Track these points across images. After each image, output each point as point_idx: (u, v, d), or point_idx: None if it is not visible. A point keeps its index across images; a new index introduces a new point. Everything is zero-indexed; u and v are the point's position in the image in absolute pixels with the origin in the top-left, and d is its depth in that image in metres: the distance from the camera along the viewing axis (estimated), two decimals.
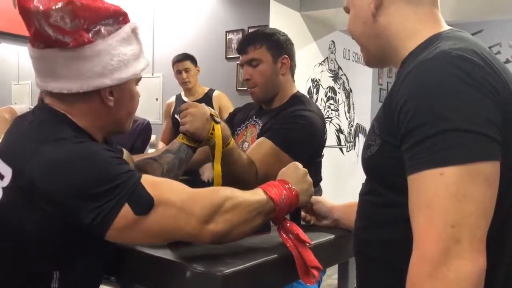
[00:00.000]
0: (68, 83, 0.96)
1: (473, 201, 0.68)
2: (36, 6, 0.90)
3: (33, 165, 0.88)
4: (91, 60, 0.96)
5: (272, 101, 1.73)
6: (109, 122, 1.05)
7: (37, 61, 0.98)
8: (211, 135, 1.33)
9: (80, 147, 0.91)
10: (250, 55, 1.68)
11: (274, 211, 1.02)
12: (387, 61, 0.95)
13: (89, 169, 0.88)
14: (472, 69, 0.72)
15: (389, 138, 0.81)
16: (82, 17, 0.94)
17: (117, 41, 1.00)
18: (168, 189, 0.92)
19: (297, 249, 1.05)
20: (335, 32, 4.79)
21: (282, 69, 1.69)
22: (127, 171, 0.90)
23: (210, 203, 0.92)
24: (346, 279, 1.33)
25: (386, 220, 0.85)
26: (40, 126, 0.96)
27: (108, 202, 0.86)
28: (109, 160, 0.91)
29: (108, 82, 0.99)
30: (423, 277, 0.69)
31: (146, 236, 0.90)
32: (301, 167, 1.15)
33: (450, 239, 0.67)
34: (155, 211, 0.88)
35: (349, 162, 5.29)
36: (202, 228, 0.91)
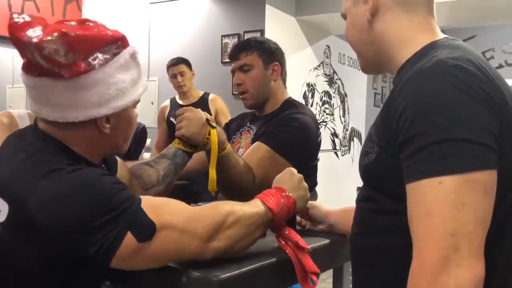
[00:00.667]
0: (63, 113, 0.93)
1: (472, 210, 0.69)
2: (29, 37, 0.86)
3: (31, 202, 0.85)
4: (87, 89, 0.92)
5: (263, 107, 1.75)
6: (105, 147, 1.02)
7: (31, 89, 0.94)
8: (207, 140, 1.33)
9: (77, 177, 0.88)
10: (241, 61, 1.70)
11: (273, 221, 1.03)
12: (383, 68, 0.96)
13: (88, 201, 0.85)
14: (468, 78, 0.73)
15: (387, 146, 0.82)
16: (77, 48, 0.90)
17: (115, 68, 0.96)
18: (169, 211, 0.90)
19: (297, 256, 1.05)
20: (330, 36, 4.82)
21: (273, 76, 1.72)
22: (127, 198, 0.88)
23: (211, 221, 0.92)
24: (341, 284, 1.33)
25: (384, 227, 0.85)
26: (34, 156, 0.91)
27: (110, 232, 0.84)
28: (107, 188, 0.88)
29: (105, 111, 0.95)
30: (423, 285, 0.70)
31: (150, 261, 0.89)
32: (296, 172, 1.15)
33: (450, 247, 0.68)
34: (158, 236, 0.87)
35: (344, 166, 5.30)
36: (206, 246, 0.91)
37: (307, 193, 1.15)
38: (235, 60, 1.73)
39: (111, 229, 0.84)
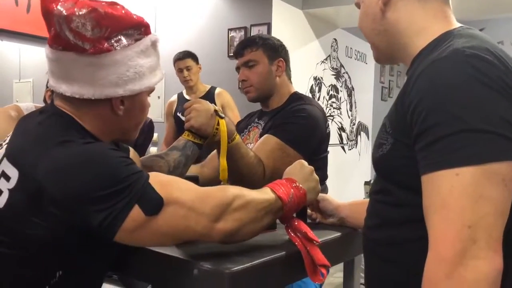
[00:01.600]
0: (81, 88, 0.96)
1: (490, 202, 0.68)
2: (59, 10, 0.90)
3: (40, 169, 0.87)
4: (107, 68, 0.96)
5: (268, 102, 1.77)
6: (116, 130, 1.04)
7: (53, 63, 0.97)
8: (216, 130, 1.34)
9: (86, 149, 0.91)
10: (246, 57, 1.72)
11: (282, 210, 1.02)
12: (397, 58, 0.95)
13: (97, 171, 0.87)
14: (486, 67, 0.71)
15: (401, 137, 0.80)
16: (104, 25, 0.93)
17: (136, 52, 0.99)
18: (177, 188, 0.91)
19: (306, 247, 1.04)
20: (337, 30, 4.79)
21: (278, 71, 1.73)
22: (136, 172, 0.89)
23: (219, 201, 0.91)
24: (351, 277, 1.32)
25: (398, 220, 0.84)
26: (47, 128, 0.95)
27: (117, 204, 0.85)
28: (117, 160, 0.89)
29: (121, 92, 0.98)
30: (440, 278, 0.69)
31: (156, 236, 0.89)
32: (307, 164, 1.15)
33: (468, 239, 0.67)
34: (165, 211, 0.87)
35: (351, 160, 5.28)
36: (212, 226, 0.90)
37: (318, 185, 1.14)
38: (239, 56, 1.75)
39: (118, 201, 0.85)
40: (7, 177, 0.92)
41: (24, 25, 4.24)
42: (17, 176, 0.90)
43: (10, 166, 0.92)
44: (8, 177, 0.92)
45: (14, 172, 0.91)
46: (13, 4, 4.20)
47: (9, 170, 0.92)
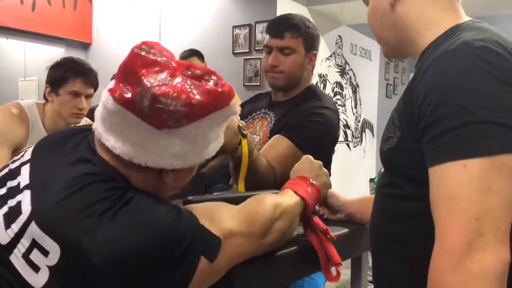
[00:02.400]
0: (134, 151, 0.80)
1: (498, 194, 0.67)
2: (148, 84, 0.75)
3: (88, 246, 0.72)
4: (173, 140, 0.80)
5: (288, 91, 1.68)
6: (159, 192, 0.88)
7: (111, 113, 0.79)
8: (236, 148, 1.29)
9: (133, 215, 0.76)
10: (285, 42, 1.58)
11: (305, 210, 1.03)
12: (406, 52, 0.94)
13: (155, 242, 0.75)
14: (496, 60, 0.71)
15: (409, 130, 0.80)
16: (192, 116, 0.78)
17: (209, 125, 0.83)
18: (223, 218, 0.86)
19: (323, 245, 1.05)
20: (342, 26, 4.77)
21: (309, 64, 1.66)
22: (189, 222, 0.80)
23: (264, 218, 0.91)
24: (359, 273, 1.32)
25: (406, 213, 0.84)
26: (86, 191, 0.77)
27: (183, 264, 0.77)
28: (166, 221, 0.78)
29: (180, 166, 0.83)
30: (446, 270, 0.68)
31: (218, 275, 0.84)
32: (314, 160, 1.15)
33: (474, 232, 0.66)
34: (223, 248, 0.82)
35: (356, 157, 5.27)
36: (261, 243, 0.90)
37: (328, 179, 1.15)
38: (277, 37, 1.59)
39: (185, 261, 0.77)
40: (43, 250, 0.75)
41: (29, 24, 4.26)
42: (59, 252, 0.74)
43: (45, 237, 0.75)
44: (45, 251, 0.75)
45: (53, 245, 0.74)
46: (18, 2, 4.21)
47: (45, 243, 0.75)
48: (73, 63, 1.91)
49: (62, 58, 1.98)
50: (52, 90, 1.90)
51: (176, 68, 0.79)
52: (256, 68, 3.86)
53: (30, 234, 0.76)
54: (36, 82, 4.88)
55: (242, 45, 3.92)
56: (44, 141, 0.93)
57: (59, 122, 1.92)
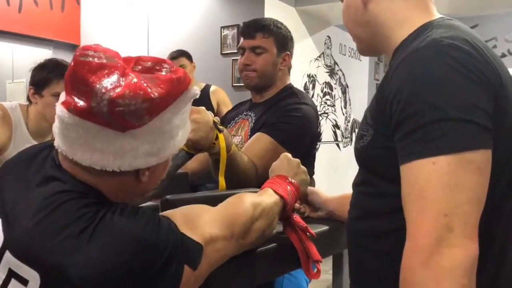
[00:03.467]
0: (105, 159, 0.77)
1: (465, 190, 0.68)
2: (103, 88, 0.72)
3: (69, 269, 0.71)
4: (141, 139, 0.78)
5: (263, 92, 1.73)
6: (134, 195, 0.88)
7: (70, 127, 0.76)
8: (213, 144, 1.29)
9: (111, 231, 0.74)
10: (257, 42, 1.65)
11: (285, 208, 1.04)
12: (380, 49, 0.95)
13: (135, 258, 0.73)
14: (463, 57, 0.72)
15: (381, 128, 0.81)
16: (154, 112, 0.77)
17: (173, 113, 0.81)
18: (204, 223, 0.84)
19: (303, 243, 1.06)
20: (331, 27, 4.79)
21: (282, 65, 1.70)
22: (167, 230, 0.77)
23: (244, 219, 0.91)
24: (340, 270, 1.33)
25: (380, 210, 0.85)
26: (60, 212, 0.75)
27: (167, 275, 0.75)
28: (147, 233, 0.75)
29: (154, 162, 0.82)
30: (417, 266, 0.69)
31: (200, 280, 0.83)
32: (292, 157, 1.15)
33: (443, 228, 0.67)
34: (205, 254, 0.81)
35: (345, 157, 5.29)
36: (241, 243, 0.91)
37: (307, 176, 1.16)
38: (249, 38, 1.66)
39: (168, 271, 0.75)
40: (22, 280, 0.73)
41: (16, 25, 4.23)
42: (38, 280, 0.72)
43: (22, 266, 0.73)
44: (24, 281, 0.73)
45: (32, 273, 0.73)
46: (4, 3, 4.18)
47: (22, 271, 0.73)
48: (57, 65, 1.90)
49: (46, 60, 1.98)
50: (35, 91, 1.89)
51: (125, 66, 0.77)
52: None
53: (6, 264, 0.74)
54: (24, 84, 4.86)
55: (230, 45, 3.92)
56: (7, 164, 0.90)
57: (43, 124, 1.92)
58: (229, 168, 1.35)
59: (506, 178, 0.79)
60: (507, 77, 0.78)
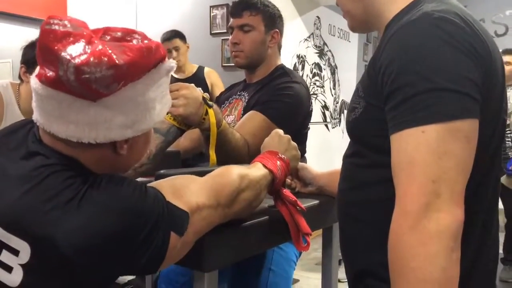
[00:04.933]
0: (80, 131, 0.78)
1: (453, 158, 0.71)
2: (68, 55, 0.72)
3: (58, 238, 0.72)
4: (114, 110, 0.79)
5: (255, 71, 1.75)
6: (115, 168, 0.87)
7: (44, 99, 0.77)
8: (203, 119, 1.31)
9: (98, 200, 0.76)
10: (244, 20, 1.67)
11: (273, 182, 1.06)
12: (372, 25, 0.96)
13: (123, 224, 0.75)
14: (454, 30, 0.74)
15: (373, 100, 0.82)
16: (122, 79, 0.76)
17: (147, 85, 0.81)
18: (191, 193, 0.86)
19: (292, 216, 1.08)
20: (320, 7, 4.77)
21: (271, 42, 1.71)
22: (154, 199, 0.80)
23: (230, 189, 0.92)
24: (330, 244, 1.36)
25: (371, 181, 0.87)
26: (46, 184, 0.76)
27: (154, 241, 0.78)
28: (131, 201, 0.77)
29: (130, 134, 0.82)
30: (405, 230, 0.72)
31: (186, 248, 0.86)
32: (283, 133, 1.17)
33: (431, 193, 0.70)
34: (192, 222, 0.84)
35: (334, 138, 5.32)
36: (227, 212, 0.92)
37: (297, 152, 1.17)
38: (237, 17, 1.68)
39: (154, 239, 0.78)
40: (13, 250, 0.75)
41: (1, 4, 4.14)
42: (29, 250, 0.74)
43: (11, 237, 0.75)
44: (15, 251, 0.75)
45: (22, 244, 0.75)
46: None
47: (13, 242, 0.75)
48: None
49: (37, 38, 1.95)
50: (27, 70, 1.87)
51: (92, 35, 0.77)
52: None
53: None
54: (11, 64, 4.79)
55: (219, 25, 3.89)
56: None
57: None
58: (221, 145, 1.36)
59: (490, 151, 0.81)
60: (496, 51, 0.80)
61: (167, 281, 1.69)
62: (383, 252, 0.77)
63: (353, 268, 0.94)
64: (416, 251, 0.70)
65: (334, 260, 1.37)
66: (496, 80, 0.79)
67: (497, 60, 0.79)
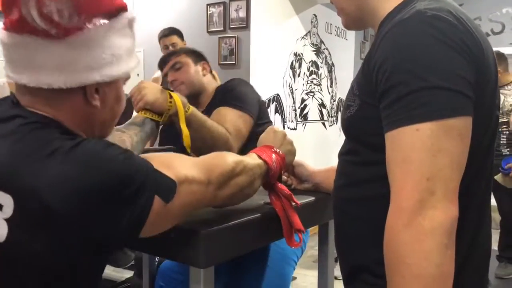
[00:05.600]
0: (49, 76, 0.81)
1: (447, 155, 0.71)
2: None
3: (42, 191, 0.73)
4: (79, 50, 0.81)
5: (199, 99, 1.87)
6: (94, 125, 0.90)
7: (11, 48, 0.81)
8: (170, 103, 1.39)
9: (85, 153, 0.77)
10: (172, 62, 1.85)
11: (268, 174, 1.06)
12: (366, 22, 0.96)
13: (105, 180, 0.76)
14: (446, 28, 0.74)
15: (367, 98, 0.83)
16: (83, 11, 0.80)
17: (111, 32, 0.85)
18: (182, 166, 0.87)
19: (286, 212, 1.09)
20: (317, 5, 4.78)
21: (204, 71, 1.88)
22: (140, 162, 0.81)
23: (223, 170, 0.93)
24: (326, 240, 1.37)
25: (366, 178, 0.88)
26: (28, 138, 0.79)
27: (137, 202, 0.78)
28: (118, 158, 0.78)
29: (97, 77, 0.84)
30: (400, 227, 0.72)
31: (171, 220, 0.86)
32: (278, 129, 1.19)
33: (426, 190, 0.71)
34: (179, 192, 0.83)
35: (331, 136, 5.34)
36: (217, 194, 0.92)
37: (293, 147, 1.19)
38: (165, 64, 1.87)
39: (138, 199, 0.78)
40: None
41: None
42: (12, 203, 0.75)
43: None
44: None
45: (6, 197, 0.75)
46: None
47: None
48: None
49: None
50: None
51: None
52: (231, 46, 3.85)
53: None
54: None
55: (216, 23, 3.90)
56: None
57: None
58: (194, 128, 1.44)
59: (483, 148, 0.82)
60: (488, 49, 0.81)
61: (164, 279, 1.70)
62: (378, 248, 0.78)
63: (348, 264, 0.94)
64: (411, 248, 0.71)
65: (330, 257, 1.38)
66: (489, 77, 0.80)
67: (489, 58, 0.80)
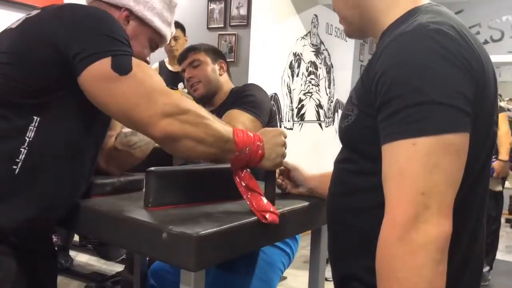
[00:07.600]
0: None
1: (443, 171, 0.71)
2: None
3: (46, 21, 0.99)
4: None
5: (214, 99, 1.93)
6: None
7: None
8: None
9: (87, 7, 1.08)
10: (190, 58, 1.94)
11: (231, 154, 1.03)
12: (368, 32, 0.96)
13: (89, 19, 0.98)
14: (448, 43, 0.74)
15: (366, 108, 0.83)
16: None
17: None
18: (148, 73, 0.98)
19: (247, 194, 1.07)
20: (318, 6, 4.77)
21: (220, 70, 1.94)
22: (125, 38, 0.99)
23: (174, 103, 0.96)
24: (318, 245, 1.37)
25: (361, 187, 0.87)
26: None
27: (96, 46, 0.94)
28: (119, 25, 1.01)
29: (132, 3, 1.13)
30: (393, 240, 0.72)
31: (108, 98, 0.95)
32: (283, 137, 1.14)
33: (420, 205, 0.71)
34: (127, 80, 0.94)
35: (327, 137, 5.34)
36: (158, 121, 0.94)
37: (278, 158, 1.12)
38: (183, 60, 1.96)
39: (99, 45, 0.94)
40: None
41: None
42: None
43: None
44: None
45: None
46: None
47: None
48: None
49: None
50: None
51: None
52: (231, 44, 3.84)
53: None
54: None
55: (217, 20, 3.89)
56: None
57: None
58: None
59: (479, 163, 0.82)
60: (488, 63, 0.81)
61: (156, 278, 1.70)
62: (369, 258, 0.78)
63: (339, 272, 0.95)
64: (403, 262, 0.71)
65: (321, 262, 1.38)
66: (488, 92, 0.80)
67: (489, 72, 0.80)
